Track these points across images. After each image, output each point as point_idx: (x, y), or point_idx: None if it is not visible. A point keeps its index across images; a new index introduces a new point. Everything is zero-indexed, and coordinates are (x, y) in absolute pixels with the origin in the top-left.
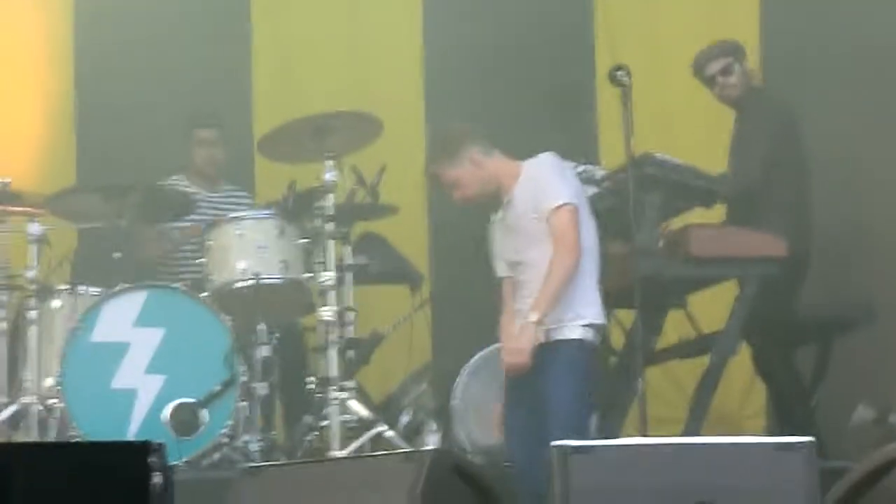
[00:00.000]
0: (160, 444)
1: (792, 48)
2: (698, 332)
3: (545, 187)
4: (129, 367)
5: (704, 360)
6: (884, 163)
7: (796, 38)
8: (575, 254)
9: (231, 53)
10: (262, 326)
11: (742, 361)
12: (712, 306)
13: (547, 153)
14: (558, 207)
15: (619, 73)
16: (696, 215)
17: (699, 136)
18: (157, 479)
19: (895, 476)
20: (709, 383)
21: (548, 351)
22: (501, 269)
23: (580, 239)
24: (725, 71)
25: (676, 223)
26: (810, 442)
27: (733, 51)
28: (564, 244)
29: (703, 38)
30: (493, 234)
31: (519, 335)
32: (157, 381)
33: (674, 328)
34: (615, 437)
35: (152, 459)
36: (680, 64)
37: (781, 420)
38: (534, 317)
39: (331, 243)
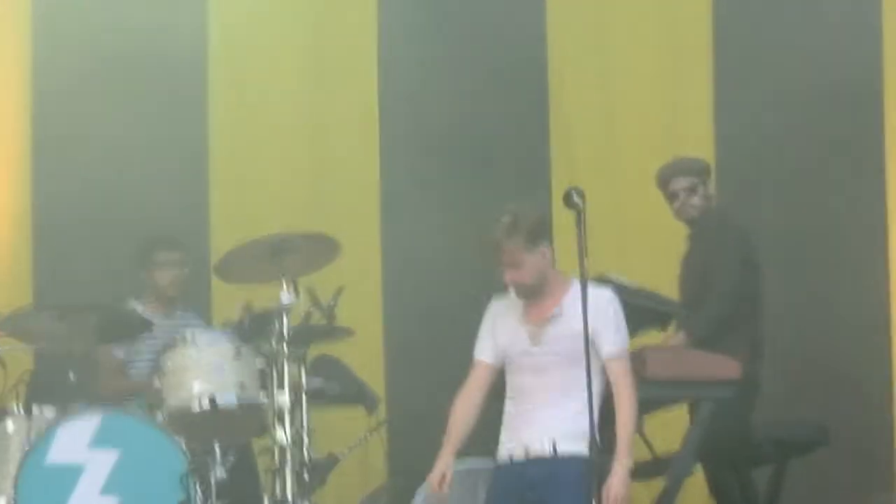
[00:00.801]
0: None
1: (747, 162)
2: (653, 453)
3: (618, 326)
4: (85, 489)
5: (660, 482)
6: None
7: (751, 150)
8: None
9: (187, 174)
10: (217, 448)
11: (698, 483)
12: (667, 428)
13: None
14: (623, 352)
15: (573, 195)
16: (651, 337)
17: (654, 256)
18: None
19: None
20: None
21: (559, 464)
22: (487, 354)
23: None
24: (690, 190)
25: (631, 345)
26: None
27: (700, 171)
28: (631, 390)
29: (658, 155)
30: (502, 320)
31: (622, 478)
32: None
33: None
34: None
35: None
36: (636, 182)
37: None
38: (628, 462)
39: (286, 365)
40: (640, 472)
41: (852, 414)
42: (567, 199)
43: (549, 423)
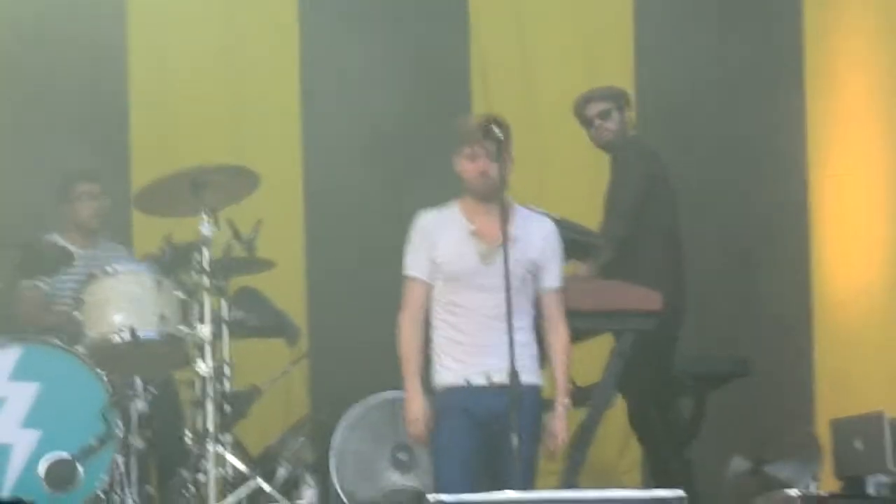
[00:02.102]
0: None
1: (664, 94)
2: (574, 385)
3: (558, 261)
4: (5, 421)
5: (581, 413)
6: (758, 215)
7: (669, 83)
8: None
9: (108, 107)
10: (138, 380)
11: (618, 415)
12: (588, 359)
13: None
14: (561, 288)
15: (493, 126)
16: (572, 268)
17: (576, 188)
18: None
19: None
20: (585, 436)
21: (522, 395)
22: (424, 272)
23: None
24: (604, 115)
25: None
26: (682, 497)
27: (616, 97)
28: (566, 325)
29: (579, 86)
30: (440, 235)
31: (563, 419)
32: (32, 436)
33: (549, 381)
34: None
35: None
36: (556, 113)
37: (656, 473)
38: (568, 402)
39: (207, 297)
40: None
41: (772, 346)
42: (487, 131)
43: (505, 351)
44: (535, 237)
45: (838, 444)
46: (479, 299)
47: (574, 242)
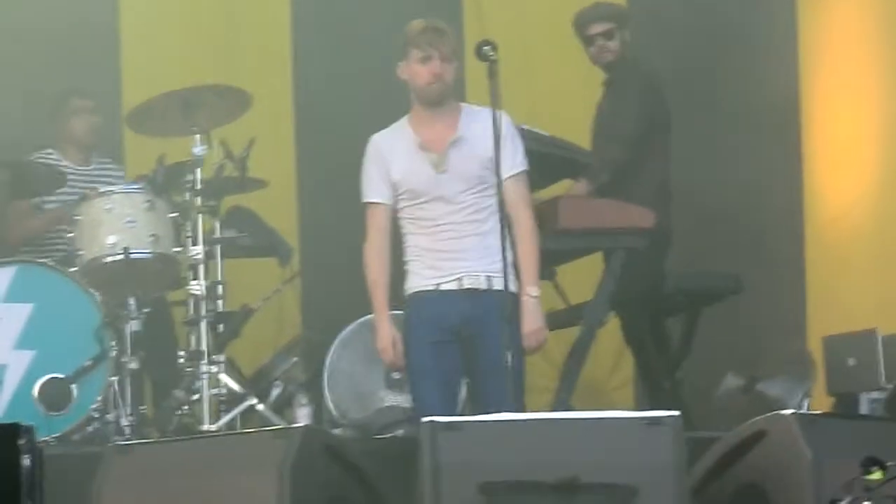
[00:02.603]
0: (29, 427)
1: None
2: (567, 303)
3: (513, 147)
4: None
5: (574, 331)
6: (748, 134)
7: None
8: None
9: (97, 25)
10: (131, 301)
11: (611, 332)
12: (581, 277)
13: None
14: (522, 173)
15: (486, 48)
16: (564, 187)
17: (568, 108)
18: (26, 461)
19: (762, 448)
20: (578, 354)
21: (486, 298)
22: (383, 195)
23: None
24: (608, 34)
25: (544, 195)
26: (677, 416)
27: (619, 16)
28: (529, 210)
29: (573, 8)
30: (392, 154)
31: (533, 313)
32: (26, 357)
33: (543, 299)
34: None
35: (21, 442)
36: (547, 32)
37: (649, 390)
38: (536, 291)
39: (200, 217)
40: (554, 321)
41: (764, 263)
42: (479, 52)
43: (478, 256)
44: (485, 131)
45: (831, 360)
46: (442, 208)
47: (566, 160)
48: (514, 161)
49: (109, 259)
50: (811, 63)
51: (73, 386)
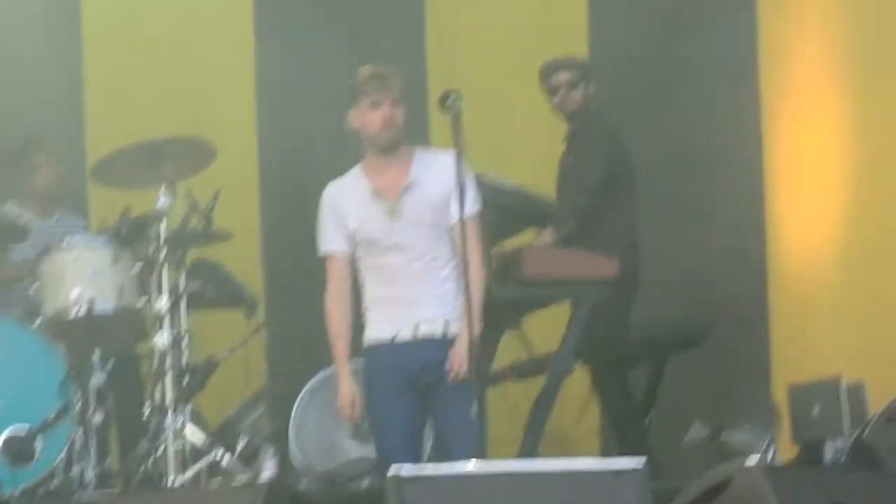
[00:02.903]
0: None
1: (619, 66)
2: (533, 353)
3: (467, 190)
4: None
5: (540, 381)
6: (713, 181)
7: (625, 53)
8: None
9: (62, 77)
10: (96, 353)
11: (577, 381)
12: (546, 327)
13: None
14: (474, 216)
15: (449, 98)
16: (529, 236)
17: (533, 157)
18: None
19: (727, 497)
20: (544, 403)
21: (444, 345)
22: (341, 245)
23: None
24: (571, 84)
25: (509, 245)
26: (643, 466)
27: (584, 67)
28: (479, 253)
29: (535, 54)
30: (347, 204)
31: (457, 347)
32: None
33: (509, 349)
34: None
35: None
36: (513, 82)
37: (616, 439)
38: (474, 332)
39: (165, 269)
40: (521, 371)
41: (729, 312)
42: (443, 102)
43: (435, 303)
44: (436, 176)
45: (796, 409)
46: (399, 256)
47: (530, 211)
48: (468, 203)
49: (73, 312)
50: (774, 108)
51: (38, 439)
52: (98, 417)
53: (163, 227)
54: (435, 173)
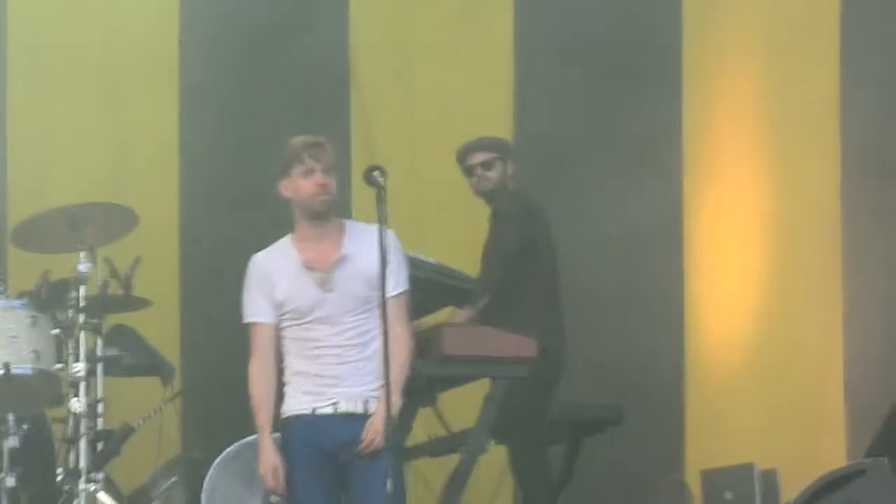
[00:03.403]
0: None
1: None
2: (448, 430)
3: (399, 265)
4: None
5: (453, 459)
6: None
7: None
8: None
9: None
10: (10, 417)
11: (491, 459)
12: (462, 404)
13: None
14: (404, 292)
15: (375, 173)
16: (446, 313)
17: (456, 234)
18: None
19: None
20: (458, 481)
21: (363, 422)
22: (267, 314)
23: None
24: (487, 165)
25: (428, 322)
26: None
27: (500, 147)
28: (407, 330)
29: (459, 133)
30: (276, 275)
31: (376, 416)
32: None
33: (423, 426)
34: None
35: None
36: (435, 160)
37: None
38: (397, 402)
39: (82, 334)
40: (435, 448)
41: (644, 394)
42: (367, 177)
43: (357, 380)
44: (370, 249)
45: (709, 494)
46: (326, 330)
47: (451, 288)
48: (398, 279)
49: None
50: (694, 187)
51: None
52: (10, 481)
53: (82, 291)
54: (367, 246)
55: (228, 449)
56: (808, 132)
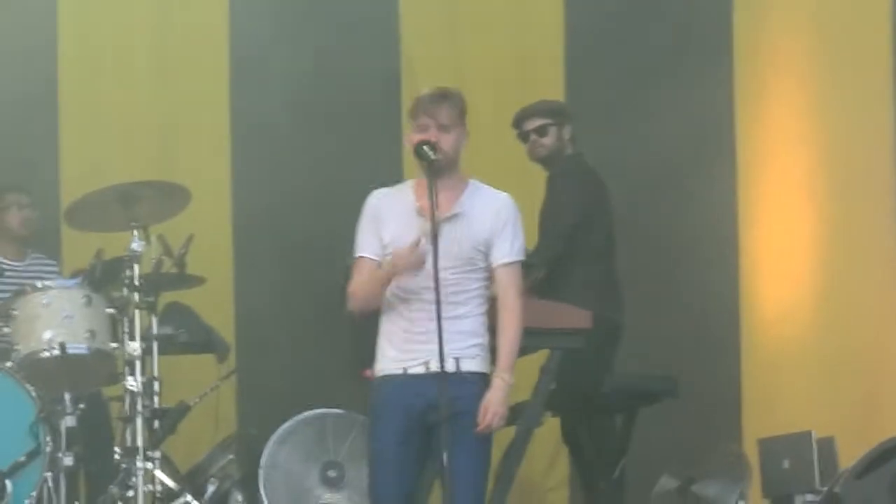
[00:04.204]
0: None
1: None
2: None
3: (515, 234)
4: None
5: (510, 431)
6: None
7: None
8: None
9: (38, 120)
10: (67, 396)
11: (546, 432)
12: (518, 377)
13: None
14: (517, 262)
15: (425, 147)
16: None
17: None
18: None
19: None
20: (514, 454)
21: (463, 383)
22: (374, 252)
23: None
24: (541, 131)
25: None
26: None
27: (554, 113)
28: (520, 301)
29: (510, 104)
30: (388, 215)
31: (499, 391)
32: None
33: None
34: None
35: None
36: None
37: (585, 491)
38: (509, 378)
39: (137, 313)
40: None
41: (700, 365)
42: (418, 152)
43: (450, 338)
44: (486, 212)
45: (766, 463)
46: (423, 281)
47: None
48: (512, 248)
49: (46, 354)
50: (748, 172)
51: (8, 481)
52: (68, 460)
53: (136, 270)
54: (484, 208)
55: (284, 425)
56: (863, 132)
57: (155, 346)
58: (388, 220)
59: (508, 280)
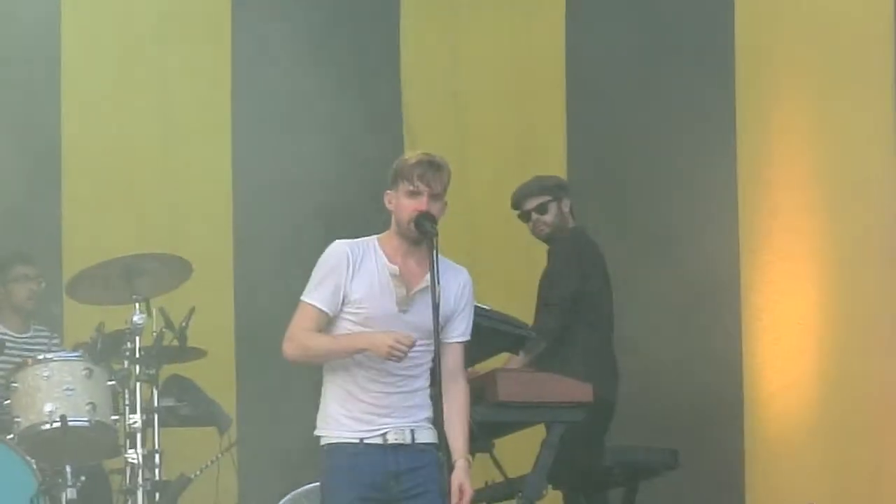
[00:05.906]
0: None
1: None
2: (504, 476)
3: (470, 313)
4: None
5: None
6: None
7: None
8: None
9: (41, 194)
10: (68, 469)
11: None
12: (519, 450)
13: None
14: (466, 342)
15: (426, 222)
16: (501, 360)
17: (508, 279)
18: None
19: None
20: None
21: (420, 454)
22: (329, 306)
23: None
24: (541, 209)
25: (483, 367)
26: None
27: (552, 189)
28: (466, 378)
29: (512, 172)
30: (360, 270)
31: (464, 474)
32: None
33: (480, 472)
34: None
35: None
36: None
37: None
38: (470, 458)
39: (138, 385)
40: (492, 494)
41: (702, 438)
42: (419, 225)
43: (404, 411)
44: (451, 286)
45: None
46: None
47: (505, 334)
48: (468, 328)
49: (47, 427)
50: (752, 239)
51: None
52: None
53: (137, 343)
54: (448, 282)
55: (283, 499)
56: (867, 169)
57: (156, 418)
58: (358, 276)
59: (461, 357)
